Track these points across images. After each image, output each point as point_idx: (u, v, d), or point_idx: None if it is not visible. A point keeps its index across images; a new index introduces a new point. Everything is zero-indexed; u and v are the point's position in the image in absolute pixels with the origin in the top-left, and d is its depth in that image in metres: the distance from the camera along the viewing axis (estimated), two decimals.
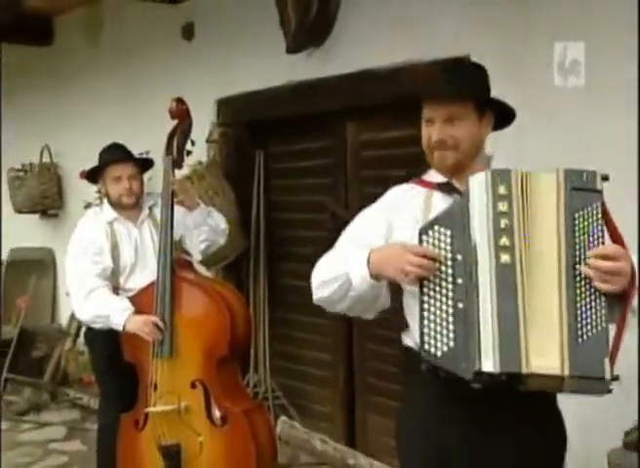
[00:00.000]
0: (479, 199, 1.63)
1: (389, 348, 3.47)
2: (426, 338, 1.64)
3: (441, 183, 1.84)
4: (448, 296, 1.63)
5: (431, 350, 1.63)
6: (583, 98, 2.69)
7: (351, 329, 3.87)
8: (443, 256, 1.64)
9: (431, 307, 1.65)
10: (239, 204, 4.12)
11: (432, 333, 1.63)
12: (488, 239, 1.60)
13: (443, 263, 1.64)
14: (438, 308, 1.64)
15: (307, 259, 2.15)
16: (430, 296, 1.65)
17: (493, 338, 1.55)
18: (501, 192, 1.62)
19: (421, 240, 1.68)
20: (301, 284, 2.41)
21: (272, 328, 4.27)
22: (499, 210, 1.61)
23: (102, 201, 3.45)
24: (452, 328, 1.61)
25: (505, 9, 2.91)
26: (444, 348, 1.62)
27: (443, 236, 1.66)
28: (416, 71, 3.13)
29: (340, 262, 1.80)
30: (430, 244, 1.66)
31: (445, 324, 1.62)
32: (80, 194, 4.97)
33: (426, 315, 1.65)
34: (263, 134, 4.26)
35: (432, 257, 1.63)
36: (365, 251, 1.76)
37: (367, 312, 1.88)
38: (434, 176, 1.87)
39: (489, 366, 1.55)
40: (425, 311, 1.65)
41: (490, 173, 1.65)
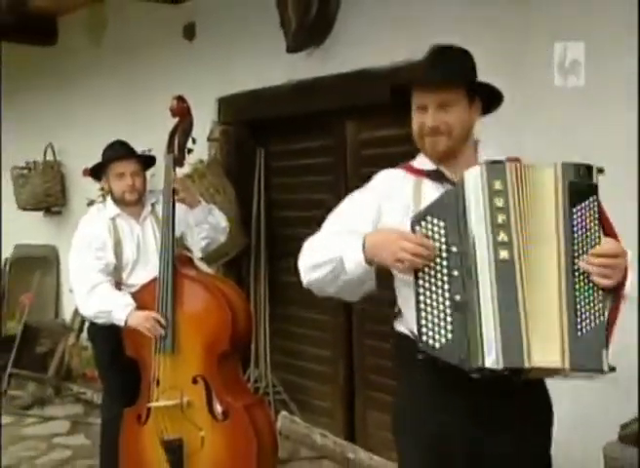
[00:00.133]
0: (475, 195, 1.62)
1: (389, 344, 3.46)
2: (424, 330, 1.64)
3: (431, 171, 1.82)
4: (444, 288, 1.63)
5: (429, 342, 1.63)
6: (583, 98, 2.68)
7: (351, 325, 3.87)
8: (437, 248, 1.64)
9: (427, 299, 1.64)
10: (240, 202, 4.11)
11: (430, 325, 1.63)
12: (486, 235, 1.61)
13: (438, 254, 1.64)
14: (435, 300, 1.64)
15: None
16: (426, 288, 1.65)
17: (495, 335, 1.57)
18: (497, 187, 1.62)
19: (414, 230, 1.67)
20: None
21: (273, 324, 4.27)
22: (495, 205, 1.61)
23: (105, 198, 3.45)
24: (449, 320, 1.62)
25: (505, 9, 2.90)
26: (442, 340, 1.62)
27: (437, 227, 1.65)
28: (415, 71, 3.13)
29: (332, 245, 1.78)
30: (424, 234, 1.65)
31: (443, 316, 1.63)
32: (83, 192, 4.98)
33: (423, 307, 1.65)
34: (264, 132, 4.25)
35: (427, 247, 1.63)
36: (355, 235, 1.74)
37: (354, 295, 1.86)
38: (423, 163, 1.85)
39: (492, 362, 1.57)
40: (422, 303, 1.65)
41: (485, 167, 1.64)
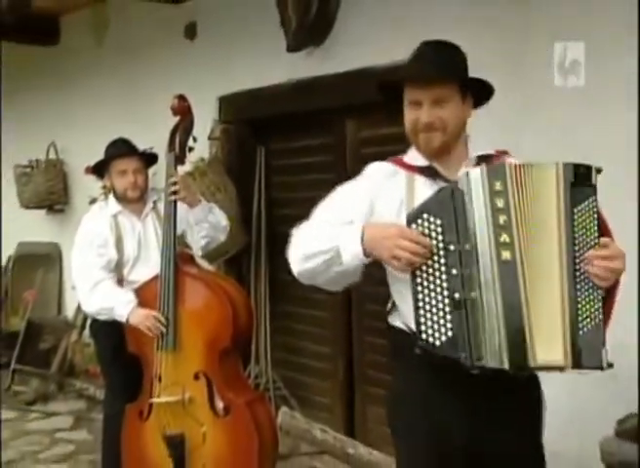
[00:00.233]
0: (476, 196, 1.62)
1: None
2: (423, 328, 1.64)
3: (424, 167, 1.80)
4: (443, 286, 1.63)
5: (429, 339, 1.64)
6: (583, 98, 2.67)
7: (351, 322, 3.88)
8: (434, 245, 1.64)
9: (426, 297, 1.64)
10: (240, 200, 4.12)
11: (429, 323, 1.64)
12: (488, 236, 1.61)
13: (435, 253, 1.64)
14: (433, 298, 1.64)
15: None
16: (424, 286, 1.65)
17: (500, 335, 1.59)
18: (497, 188, 1.61)
19: (410, 228, 1.66)
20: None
21: (273, 321, 4.28)
22: (496, 206, 1.61)
23: (107, 196, 3.45)
24: (449, 318, 1.63)
25: (505, 9, 2.90)
26: (442, 338, 1.63)
27: (433, 225, 1.65)
28: (409, 67, 3.14)
29: (326, 235, 1.75)
30: (420, 232, 1.65)
31: (442, 314, 1.63)
32: (85, 190, 5.00)
33: (421, 305, 1.65)
34: (264, 131, 4.27)
35: (424, 245, 1.63)
36: (350, 226, 1.73)
37: (340, 286, 1.84)
38: (415, 159, 1.83)
39: (497, 362, 1.59)
40: (420, 301, 1.65)
41: (485, 168, 1.64)
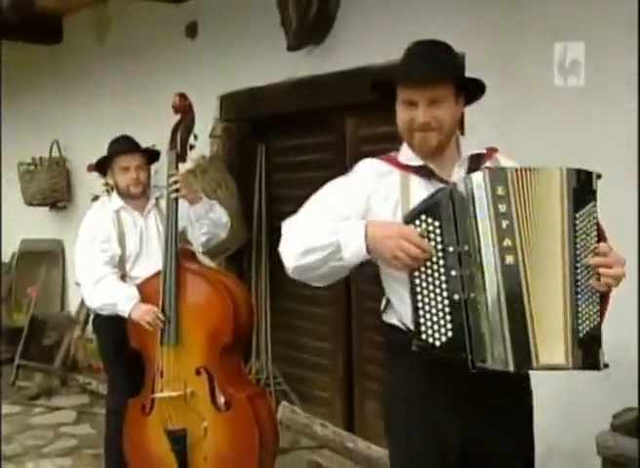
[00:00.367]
0: (479, 200, 1.63)
1: None
2: (423, 328, 1.65)
3: (419, 167, 1.80)
4: (442, 288, 1.64)
5: (429, 340, 1.65)
6: (583, 98, 2.67)
7: (350, 318, 3.90)
8: (433, 247, 1.65)
9: (425, 298, 1.65)
10: (241, 197, 4.13)
11: (429, 324, 1.65)
12: (492, 241, 1.62)
13: (434, 254, 1.64)
14: (433, 299, 1.65)
15: None
16: (423, 287, 1.65)
17: (504, 339, 1.60)
18: (500, 193, 1.63)
19: None
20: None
21: (274, 317, 4.29)
22: (499, 211, 1.62)
23: (110, 194, 3.47)
24: (449, 318, 1.64)
25: (505, 9, 2.90)
26: (442, 338, 1.64)
27: (431, 226, 1.65)
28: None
29: (324, 231, 1.73)
30: (418, 233, 1.65)
31: (442, 315, 1.64)
32: (88, 187, 5.02)
33: (421, 306, 1.65)
34: (265, 129, 4.27)
35: (426, 250, 1.63)
36: (354, 223, 1.72)
37: (329, 282, 1.83)
38: (409, 158, 1.82)
39: (501, 366, 1.61)
40: (420, 302, 1.66)
41: (487, 173, 1.65)
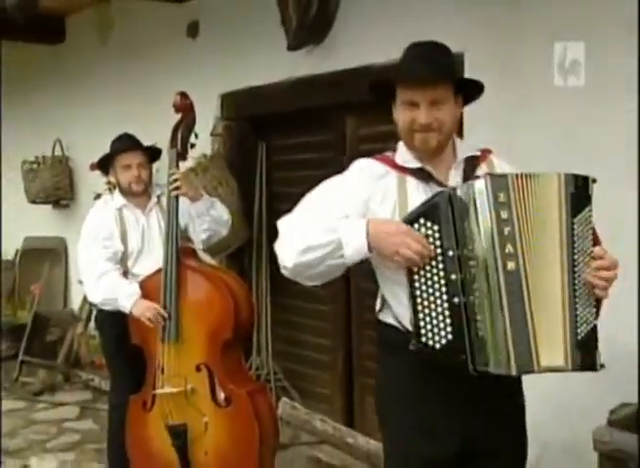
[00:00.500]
0: (481, 207, 1.64)
1: None
2: (422, 331, 1.66)
3: (416, 170, 1.80)
4: (442, 291, 1.65)
5: (429, 342, 1.66)
6: (583, 98, 2.66)
7: (350, 315, 3.91)
8: (432, 250, 1.66)
9: (425, 301, 1.66)
10: (242, 195, 4.14)
11: (429, 326, 1.66)
12: (493, 247, 1.63)
13: (433, 258, 1.65)
14: (432, 302, 1.66)
15: None
16: (423, 290, 1.67)
17: (507, 345, 1.62)
18: (501, 200, 1.64)
19: None
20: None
21: (274, 313, 4.31)
22: (501, 218, 1.63)
23: (112, 192, 3.52)
24: (449, 321, 1.65)
25: (505, 9, 2.90)
26: (442, 341, 1.65)
27: (431, 230, 1.66)
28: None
29: (323, 229, 1.72)
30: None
31: (442, 318, 1.65)
32: (90, 186, 5.05)
33: (420, 309, 1.67)
34: (265, 127, 4.28)
35: (426, 248, 1.64)
36: (354, 221, 1.72)
37: (325, 280, 1.81)
38: (406, 159, 1.82)
39: (503, 370, 1.63)
40: (419, 305, 1.67)
41: (489, 180, 1.65)
